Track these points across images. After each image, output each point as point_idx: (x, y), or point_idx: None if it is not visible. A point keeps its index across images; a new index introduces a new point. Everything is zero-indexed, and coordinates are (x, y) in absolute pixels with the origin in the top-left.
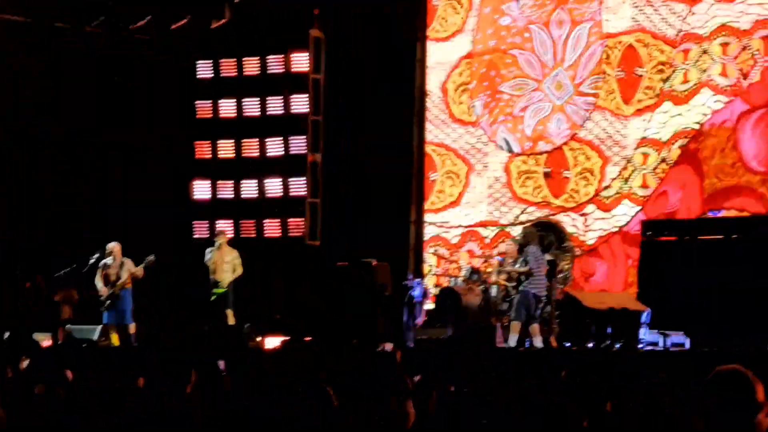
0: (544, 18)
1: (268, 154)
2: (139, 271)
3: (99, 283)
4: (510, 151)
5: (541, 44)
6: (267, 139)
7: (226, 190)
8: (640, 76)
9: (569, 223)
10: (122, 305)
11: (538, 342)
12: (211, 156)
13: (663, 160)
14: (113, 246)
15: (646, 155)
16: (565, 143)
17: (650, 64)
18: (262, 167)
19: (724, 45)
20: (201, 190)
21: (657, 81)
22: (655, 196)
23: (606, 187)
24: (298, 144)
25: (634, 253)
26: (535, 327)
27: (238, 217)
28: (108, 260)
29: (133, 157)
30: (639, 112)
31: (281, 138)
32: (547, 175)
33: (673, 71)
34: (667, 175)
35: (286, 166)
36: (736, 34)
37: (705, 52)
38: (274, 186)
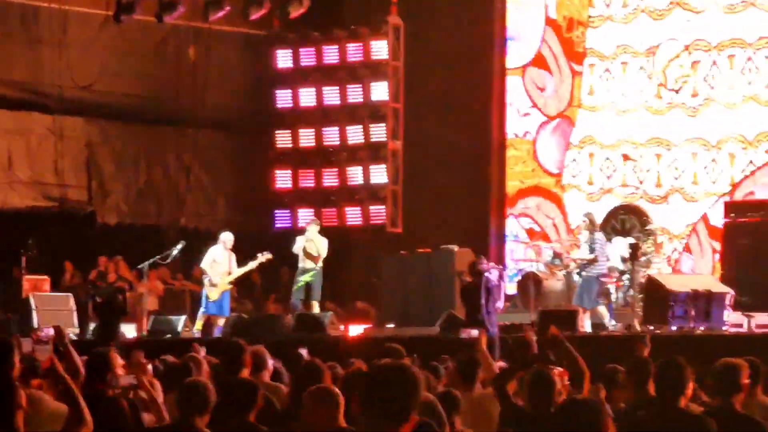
0: None
1: (348, 142)
2: (254, 266)
3: (211, 271)
4: None
5: None
6: (347, 127)
7: (307, 179)
8: None
9: None
10: (225, 297)
11: (608, 323)
12: (291, 145)
13: None
14: (227, 236)
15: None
16: None
17: None
18: (343, 155)
19: None
20: (282, 179)
21: None
22: None
23: None
24: (379, 132)
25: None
26: (599, 310)
27: (319, 205)
28: (218, 250)
29: (212, 147)
30: None
31: (361, 126)
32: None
33: None
34: None
35: (366, 154)
36: None
37: None
38: (354, 174)
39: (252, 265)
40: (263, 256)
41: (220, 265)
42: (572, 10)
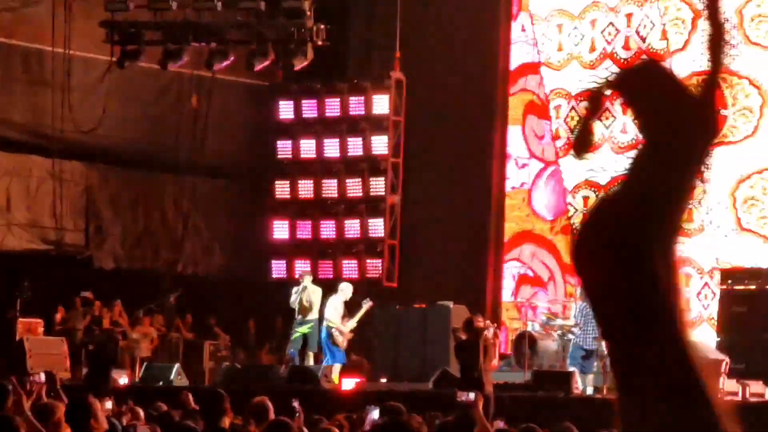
0: None
1: (347, 195)
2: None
3: (337, 321)
4: None
5: None
6: (346, 180)
7: (304, 230)
8: None
9: None
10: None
11: (589, 390)
12: (290, 196)
13: None
14: (347, 287)
15: None
16: None
17: None
18: (341, 207)
19: None
20: (280, 229)
21: None
22: None
23: None
24: (377, 185)
25: None
26: (587, 377)
27: (316, 257)
28: (338, 300)
29: (211, 195)
30: None
31: (360, 179)
32: None
33: None
34: None
35: (364, 207)
36: None
37: None
38: (352, 227)
39: (362, 313)
40: (366, 304)
41: (341, 315)
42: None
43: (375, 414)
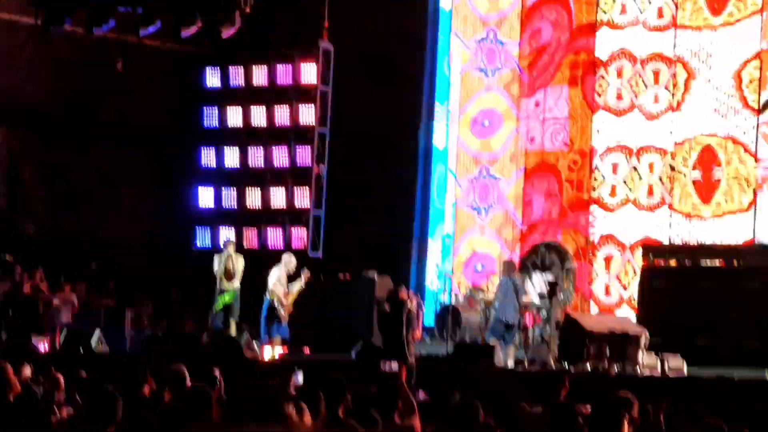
0: None
1: (273, 164)
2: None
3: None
4: None
5: None
6: (273, 149)
7: (230, 199)
8: None
9: None
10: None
11: (510, 363)
12: (215, 164)
13: None
14: (290, 258)
15: None
16: None
17: None
18: (267, 176)
19: None
20: (205, 197)
21: None
22: None
23: None
24: (304, 155)
25: None
26: (509, 349)
27: (241, 226)
28: (280, 271)
29: (136, 162)
30: None
31: (287, 148)
32: None
33: None
34: None
35: (290, 177)
36: None
37: None
38: (278, 196)
39: (300, 283)
40: (304, 274)
41: (283, 286)
42: None
43: (299, 378)
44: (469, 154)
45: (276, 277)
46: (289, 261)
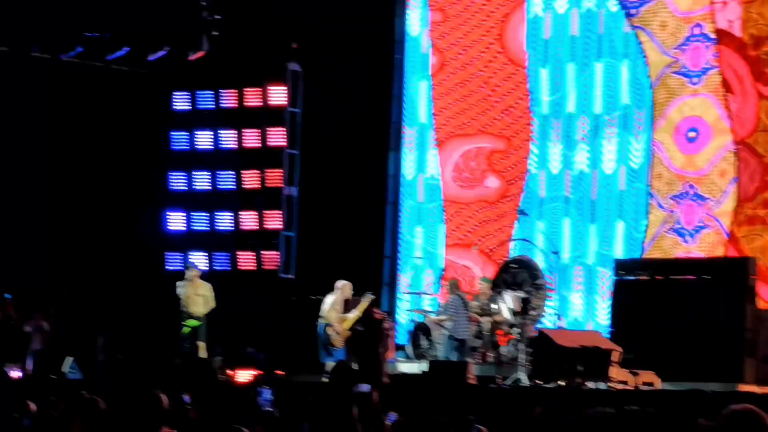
0: None
1: (243, 187)
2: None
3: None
4: None
5: None
6: (243, 172)
7: (200, 222)
8: None
9: None
10: None
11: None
12: (186, 188)
13: None
14: (346, 284)
15: None
16: None
17: None
18: (238, 200)
19: None
20: (175, 221)
21: None
22: None
23: None
24: (274, 177)
25: None
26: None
27: (212, 249)
28: (336, 298)
29: (106, 186)
30: None
31: (257, 171)
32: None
33: None
34: None
35: (261, 199)
36: None
37: None
38: (249, 219)
39: (362, 308)
40: (367, 298)
41: (338, 312)
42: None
43: (267, 395)
44: None
45: (330, 303)
46: (343, 287)
